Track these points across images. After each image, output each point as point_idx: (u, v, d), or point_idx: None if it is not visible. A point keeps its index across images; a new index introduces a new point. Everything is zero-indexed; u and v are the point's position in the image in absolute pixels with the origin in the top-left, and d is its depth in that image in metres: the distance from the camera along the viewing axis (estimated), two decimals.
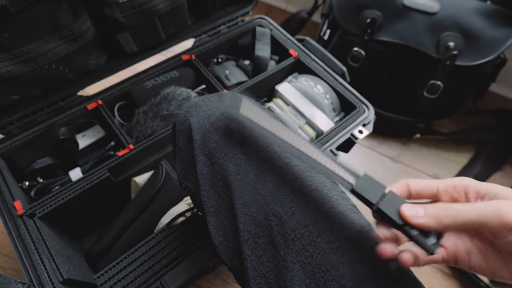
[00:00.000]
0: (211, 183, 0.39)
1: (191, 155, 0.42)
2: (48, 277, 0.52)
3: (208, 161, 0.39)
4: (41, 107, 0.66)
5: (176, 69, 0.76)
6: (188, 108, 0.43)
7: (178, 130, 0.43)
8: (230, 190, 0.37)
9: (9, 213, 0.57)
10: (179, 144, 0.43)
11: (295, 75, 0.79)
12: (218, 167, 0.38)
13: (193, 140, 0.40)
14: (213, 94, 0.44)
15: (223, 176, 0.38)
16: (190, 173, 0.43)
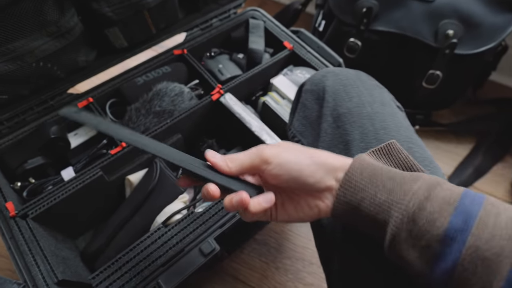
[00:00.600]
0: (331, 143, 0.43)
1: (316, 114, 0.47)
2: (42, 279, 0.51)
3: (333, 124, 0.43)
4: (31, 106, 0.65)
5: (168, 64, 0.74)
6: (325, 73, 0.48)
7: (309, 89, 0.49)
8: (350, 155, 0.40)
9: (1, 215, 0.56)
10: (304, 101, 0.49)
11: (291, 68, 0.78)
12: (343, 131, 0.42)
13: (324, 101, 0.45)
14: (350, 69, 0.49)
15: (345, 140, 0.41)
16: (308, 129, 0.47)
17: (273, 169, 0.33)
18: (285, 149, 0.35)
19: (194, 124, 0.72)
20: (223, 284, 0.75)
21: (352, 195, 0.32)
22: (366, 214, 0.31)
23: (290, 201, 0.36)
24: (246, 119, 0.68)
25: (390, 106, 0.46)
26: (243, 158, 0.34)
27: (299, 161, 0.33)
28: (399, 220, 0.29)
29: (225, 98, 0.69)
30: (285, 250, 0.81)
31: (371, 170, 0.33)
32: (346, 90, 0.45)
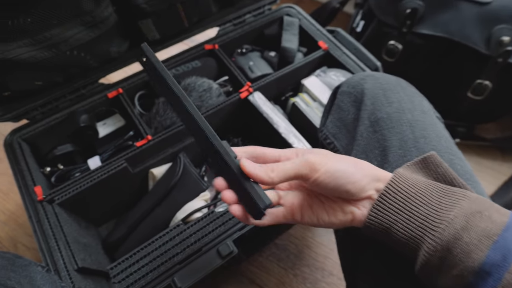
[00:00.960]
0: (367, 148, 0.41)
1: (352, 116, 0.45)
2: (63, 264, 0.52)
3: (370, 127, 0.42)
4: (64, 94, 0.66)
5: (199, 59, 0.73)
6: (364, 76, 0.47)
7: (346, 91, 0.47)
8: (386, 161, 0.39)
9: (30, 198, 0.58)
10: (340, 103, 0.47)
11: (324, 69, 0.74)
12: (380, 136, 0.41)
13: (362, 104, 0.44)
14: (390, 75, 0.48)
15: (382, 146, 0.40)
16: (342, 131, 0.46)
17: (321, 176, 0.31)
18: (330, 156, 0.33)
19: (221, 121, 0.70)
20: (239, 286, 0.74)
21: (385, 216, 0.32)
22: (397, 237, 0.31)
23: (321, 204, 0.35)
24: (274, 119, 0.65)
25: (430, 115, 0.44)
26: (287, 167, 0.31)
27: (346, 169, 0.32)
28: (432, 247, 0.28)
29: (253, 97, 0.67)
30: (305, 258, 0.79)
31: (407, 191, 0.31)
32: (386, 95, 0.43)
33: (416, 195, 0.31)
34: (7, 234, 0.76)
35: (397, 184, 0.32)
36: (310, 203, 0.35)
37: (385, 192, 0.32)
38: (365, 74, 0.48)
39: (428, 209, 0.30)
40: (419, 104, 0.44)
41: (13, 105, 0.63)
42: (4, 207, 0.79)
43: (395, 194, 0.31)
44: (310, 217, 0.35)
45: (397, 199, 0.31)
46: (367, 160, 0.41)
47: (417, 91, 0.47)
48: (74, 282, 0.50)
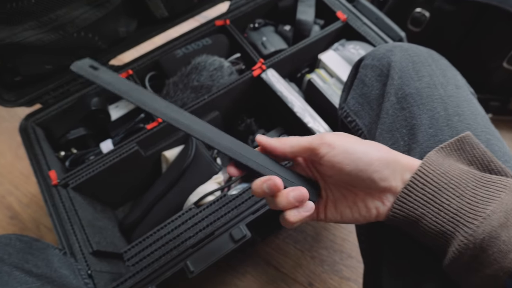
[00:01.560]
0: (392, 126, 0.38)
1: (376, 92, 0.42)
2: (79, 247, 0.53)
3: (397, 104, 0.38)
4: (74, 77, 0.66)
5: (209, 36, 0.70)
6: (391, 47, 0.42)
7: (370, 64, 0.43)
8: (414, 141, 0.35)
9: (45, 182, 0.58)
10: (363, 77, 0.43)
11: (342, 42, 0.69)
12: (408, 114, 0.37)
13: (388, 79, 0.40)
14: (420, 46, 0.43)
15: (410, 124, 0.36)
16: (365, 109, 0.43)
17: (337, 155, 0.30)
18: (349, 137, 0.31)
19: (233, 101, 0.68)
20: (255, 268, 0.73)
21: (413, 209, 0.29)
22: (425, 231, 0.28)
23: (345, 200, 0.33)
24: (288, 98, 0.62)
25: (464, 90, 0.39)
26: (301, 138, 0.32)
27: (369, 152, 0.30)
28: (463, 245, 0.26)
29: (267, 75, 0.64)
30: (322, 240, 0.77)
31: (437, 181, 0.28)
32: (416, 68, 0.39)
33: (448, 186, 0.28)
34: (30, 216, 0.79)
35: (425, 173, 0.29)
36: (333, 199, 0.34)
37: (412, 183, 0.29)
38: (392, 45, 0.43)
39: (461, 201, 0.27)
40: (452, 78, 0.39)
41: (25, 90, 0.63)
42: (26, 190, 0.82)
43: (423, 185, 0.29)
44: (333, 215, 0.33)
45: (425, 191, 0.28)
46: (393, 139, 0.37)
47: (449, 64, 0.42)
48: (90, 264, 0.51)
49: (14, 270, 0.41)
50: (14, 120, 0.90)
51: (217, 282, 0.72)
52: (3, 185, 0.83)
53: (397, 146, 0.37)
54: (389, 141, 0.38)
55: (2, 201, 0.81)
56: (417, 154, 0.35)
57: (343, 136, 0.31)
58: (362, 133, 0.43)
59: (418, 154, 0.35)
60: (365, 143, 0.31)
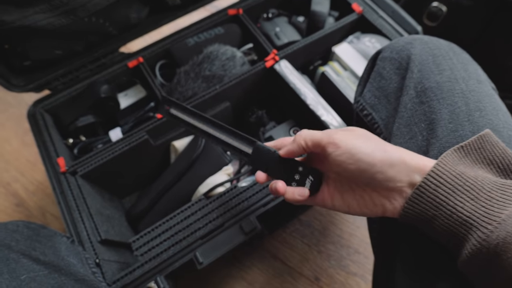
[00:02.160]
0: (411, 120, 0.37)
1: (394, 85, 0.41)
2: (87, 236, 0.52)
3: (416, 98, 0.37)
4: (84, 64, 0.65)
5: (222, 25, 0.69)
6: (410, 40, 0.41)
7: (388, 57, 0.42)
8: (433, 136, 0.35)
9: (53, 169, 0.57)
10: (381, 70, 0.43)
11: (357, 35, 0.68)
12: (428, 108, 0.36)
13: (407, 72, 0.39)
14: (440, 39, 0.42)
15: (429, 119, 0.36)
16: (382, 102, 0.42)
17: (341, 155, 0.30)
18: (357, 136, 0.31)
19: (245, 92, 0.66)
20: (261, 261, 0.73)
21: (424, 210, 0.29)
22: (438, 231, 0.28)
23: (352, 192, 0.33)
24: (301, 90, 0.61)
25: (486, 85, 0.39)
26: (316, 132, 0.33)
27: (371, 153, 0.30)
28: (476, 249, 0.26)
29: (280, 66, 0.63)
30: (329, 235, 0.76)
31: (451, 183, 0.28)
32: (436, 62, 0.38)
33: (462, 188, 0.27)
34: (36, 204, 0.78)
35: (439, 174, 0.28)
36: (340, 190, 0.34)
37: (424, 185, 0.28)
38: (412, 37, 0.42)
39: (475, 204, 0.27)
40: (474, 73, 0.38)
41: (34, 75, 0.62)
42: (33, 177, 0.81)
43: (437, 186, 0.28)
44: (340, 205, 0.34)
45: (438, 192, 0.28)
46: (411, 134, 0.36)
47: (471, 58, 0.41)
48: (98, 253, 0.50)
49: (21, 258, 0.40)
50: (21, 106, 0.90)
51: (224, 274, 0.71)
52: (9, 172, 0.82)
53: (415, 141, 0.36)
54: (406, 136, 0.37)
55: (8, 188, 0.80)
56: (436, 149, 0.34)
57: (351, 135, 0.31)
58: (378, 127, 0.42)
59: (437, 149, 0.34)
60: (371, 142, 0.31)
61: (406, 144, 0.37)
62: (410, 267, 0.35)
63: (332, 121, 0.58)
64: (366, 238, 0.76)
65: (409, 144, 0.37)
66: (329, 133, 0.32)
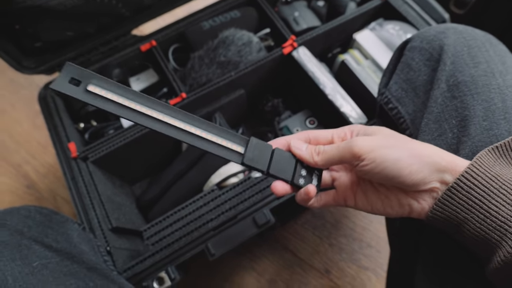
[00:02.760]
0: (441, 116, 0.35)
1: (424, 78, 0.38)
2: (98, 223, 0.51)
3: (448, 92, 0.35)
4: (96, 46, 0.63)
5: (238, 9, 0.66)
6: (443, 29, 0.39)
7: (418, 47, 0.40)
8: (465, 134, 0.33)
9: (64, 154, 0.56)
10: (409, 61, 0.40)
11: (380, 22, 0.64)
12: (460, 104, 0.34)
13: (439, 64, 0.37)
14: (476, 29, 0.39)
15: (461, 115, 0.34)
16: (410, 95, 0.40)
17: (366, 166, 0.28)
18: (381, 142, 0.29)
19: (260, 79, 0.64)
20: (272, 252, 0.72)
21: (455, 213, 0.27)
22: (468, 236, 0.27)
23: (376, 193, 0.31)
24: (320, 79, 0.58)
25: None
26: (332, 152, 0.30)
27: (398, 159, 0.28)
28: (510, 256, 0.24)
29: (298, 53, 0.60)
30: (342, 228, 0.75)
31: (486, 185, 0.26)
32: (472, 54, 0.35)
33: (498, 191, 0.26)
34: (47, 187, 0.78)
35: (473, 176, 0.26)
36: (364, 189, 0.32)
37: (456, 186, 0.27)
38: (445, 26, 0.39)
39: (509, 209, 0.25)
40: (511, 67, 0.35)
41: (45, 57, 0.61)
42: (44, 160, 0.81)
43: (470, 188, 0.26)
44: (364, 204, 0.32)
45: (471, 194, 0.26)
46: (440, 131, 0.34)
47: (508, 50, 0.38)
48: (109, 241, 0.49)
49: (33, 244, 0.39)
50: (32, 88, 0.89)
51: (234, 264, 0.71)
52: (19, 154, 0.82)
53: (444, 138, 0.34)
54: (435, 132, 0.35)
55: (19, 169, 0.80)
56: (468, 148, 0.32)
57: (375, 141, 0.29)
58: (404, 122, 0.40)
59: (468, 148, 0.32)
60: (397, 147, 0.28)
61: (434, 141, 0.35)
62: (432, 270, 0.34)
63: (352, 113, 0.56)
64: (379, 232, 0.74)
65: (437, 141, 0.35)
66: (347, 147, 0.29)
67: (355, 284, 0.70)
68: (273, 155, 0.31)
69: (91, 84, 0.27)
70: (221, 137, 0.30)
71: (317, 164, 0.31)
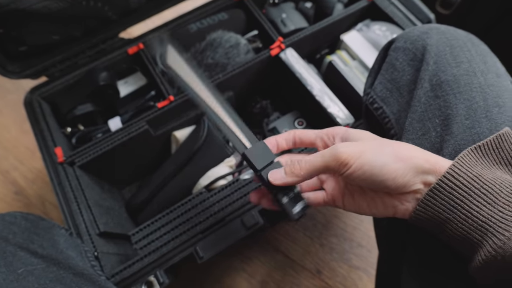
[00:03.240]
0: (424, 116, 0.35)
1: (408, 77, 0.39)
2: (85, 228, 0.51)
3: (431, 92, 0.36)
4: (83, 49, 0.62)
5: (226, 11, 0.66)
6: (426, 29, 0.39)
7: (402, 47, 0.40)
8: (448, 132, 0.33)
9: (50, 159, 0.56)
10: (394, 61, 0.40)
11: (367, 23, 0.65)
12: (443, 103, 0.34)
13: (422, 63, 0.37)
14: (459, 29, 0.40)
15: (444, 114, 0.34)
16: (394, 95, 0.40)
17: (353, 173, 0.29)
18: (366, 147, 0.29)
19: (248, 81, 0.64)
20: (263, 253, 0.72)
21: (437, 213, 0.28)
22: (449, 235, 0.28)
23: (363, 195, 0.32)
24: (307, 80, 0.58)
25: (505, 79, 0.37)
26: (315, 161, 0.30)
27: (385, 163, 0.28)
28: (491, 256, 0.25)
29: (285, 54, 0.60)
30: (332, 228, 0.75)
31: (467, 185, 0.26)
32: (454, 53, 0.36)
33: (479, 191, 0.26)
34: (35, 192, 0.77)
35: (455, 176, 0.27)
36: (351, 191, 0.33)
37: (438, 187, 0.27)
38: (428, 26, 0.40)
39: (492, 209, 0.25)
40: (493, 66, 0.36)
41: (31, 61, 0.60)
42: (32, 166, 0.80)
43: (451, 188, 0.27)
44: (351, 206, 0.33)
45: (453, 195, 0.26)
46: (424, 130, 0.35)
47: (489, 50, 0.39)
48: (96, 246, 0.49)
49: (18, 251, 0.39)
50: (20, 92, 0.88)
51: (225, 266, 0.71)
52: (7, 160, 0.81)
53: (428, 137, 0.35)
54: (419, 132, 0.35)
55: (7, 176, 0.79)
56: (451, 146, 0.32)
57: (360, 146, 0.29)
58: (389, 122, 0.40)
59: (451, 147, 0.32)
60: (383, 152, 0.29)
61: (418, 140, 0.35)
62: (417, 270, 0.34)
63: (339, 113, 0.56)
64: (369, 231, 0.75)
65: (421, 140, 0.35)
66: (332, 155, 0.29)
67: (346, 284, 0.70)
68: (271, 164, 0.33)
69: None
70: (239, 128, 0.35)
71: (303, 178, 0.31)
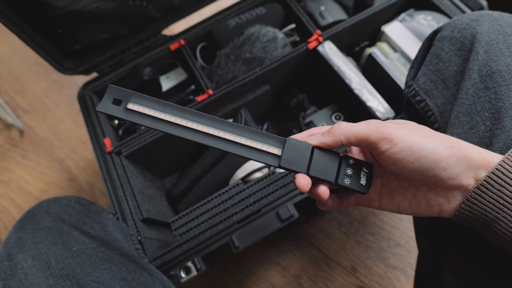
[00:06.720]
0: (472, 109, 0.33)
1: (454, 68, 0.37)
2: (130, 214, 0.54)
3: (480, 83, 0.33)
4: (129, 46, 0.66)
5: (264, 5, 0.66)
6: (476, 16, 0.37)
7: (448, 36, 0.38)
8: (499, 126, 0.31)
9: (100, 149, 0.60)
10: (439, 52, 0.38)
11: (411, 12, 0.62)
12: (494, 95, 0.32)
13: (471, 53, 0.35)
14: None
15: (495, 107, 0.32)
16: (439, 87, 0.38)
17: (400, 152, 0.27)
18: (415, 130, 0.27)
19: (285, 75, 0.64)
20: (297, 247, 0.72)
21: (485, 212, 0.26)
22: (499, 235, 0.26)
23: (403, 192, 0.30)
24: (346, 73, 0.57)
25: None
26: (357, 126, 0.28)
27: (436, 149, 0.26)
28: None
29: (323, 47, 0.60)
30: (369, 225, 0.73)
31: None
32: (508, 41, 0.33)
33: None
34: (86, 180, 0.83)
35: (505, 172, 0.25)
36: (390, 189, 0.31)
37: (486, 183, 0.25)
38: (478, 13, 0.37)
39: None
40: None
41: (84, 59, 0.65)
42: (83, 155, 0.86)
43: (501, 186, 0.25)
44: (389, 205, 0.31)
45: (502, 192, 0.25)
46: (471, 123, 0.33)
47: None
48: (140, 231, 0.52)
49: (73, 230, 0.43)
50: (73, 88, 0.95)
51: (259, 257, 0.72)
52: (62, 150, 0.88)
53: (476, 132, 0.32)
54: (466, 126, 0.33)
55: (62, 164, 0.87)
56: (502, 141, 0.30)
57: (407, 128, 0.27)
58: (432, 115, 0.39)
59: (502, 142, 0.30)
60: (432, 137, 0.27)
61: (465, 134, 0.33)
62: (461, 269, 0.32)
63: (379, 107, 0.54)
64: (408, 230, 0.72)
65: (468, 135, 0.33)
66: (377, 127, 0.27)
67: (383, 283, 0.68)
68: (313, 155, 0.29)
69: (130, 102, 0.30)
70: (258, 140, 0.29)
71: (339, 141, 0.29)
